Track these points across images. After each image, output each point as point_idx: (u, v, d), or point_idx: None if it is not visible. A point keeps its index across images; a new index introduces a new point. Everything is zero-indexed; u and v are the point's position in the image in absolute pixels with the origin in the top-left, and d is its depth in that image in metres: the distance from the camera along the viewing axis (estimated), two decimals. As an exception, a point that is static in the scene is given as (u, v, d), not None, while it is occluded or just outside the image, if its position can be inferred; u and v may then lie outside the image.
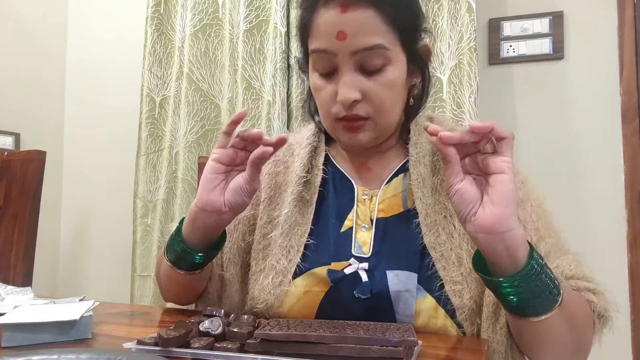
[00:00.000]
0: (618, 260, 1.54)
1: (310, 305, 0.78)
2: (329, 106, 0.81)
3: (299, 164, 0.88)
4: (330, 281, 0.77)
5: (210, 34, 1.83)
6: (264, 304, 0.80)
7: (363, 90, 0.77)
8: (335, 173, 0.89)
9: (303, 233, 0.83)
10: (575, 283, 0.75)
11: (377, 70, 0.77)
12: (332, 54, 0.77)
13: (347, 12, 0.74)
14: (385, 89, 0.78)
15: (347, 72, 0.77)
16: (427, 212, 0.79)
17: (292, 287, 0.79)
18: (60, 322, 0.67)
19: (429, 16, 1.61)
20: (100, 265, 2.17)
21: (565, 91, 1.64)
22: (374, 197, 0.85)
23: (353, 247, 0.81)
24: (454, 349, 0.66)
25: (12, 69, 2.04)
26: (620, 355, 1.51)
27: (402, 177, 0.86)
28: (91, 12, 2.26)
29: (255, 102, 1.73)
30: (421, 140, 0.86)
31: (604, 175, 1.58)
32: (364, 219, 0.83)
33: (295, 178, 0.87)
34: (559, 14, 1.65)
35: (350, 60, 0.76)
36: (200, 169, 1.42)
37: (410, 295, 0.74)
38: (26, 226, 1.48)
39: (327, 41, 0.77)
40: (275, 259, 0.82)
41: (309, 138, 0.91)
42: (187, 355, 0.58)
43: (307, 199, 0.86)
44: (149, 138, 1.84)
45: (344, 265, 0.79)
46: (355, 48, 0.75)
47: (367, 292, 0.76)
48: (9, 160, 1.55)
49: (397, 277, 0.76)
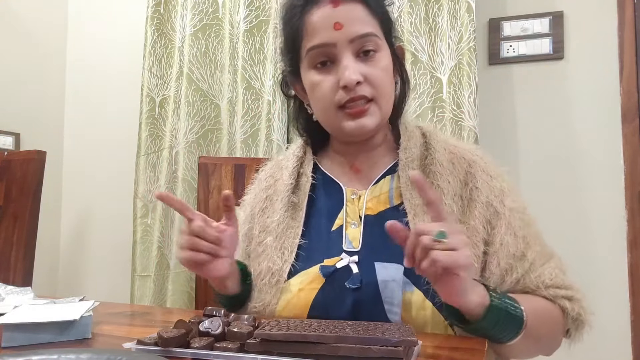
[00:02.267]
0: (618, 260, 1.54)
1: (304, 301, 0.81)
2: (330, 96, 0.85)
3: (287, 174, 0.94)
4: (323, 275, 0.81)
5: (210, 34, 1.83)
6: (262, 303, 0.84)
7: (363, 73, 0.83)
8: (324, 179, 0.94)
9: (295, 235, 0.87)
10: (554, 292, 0.81)
11: (372, 57, 0.84)
12: (331, 46, 0.83)
13: (338, 6, 0.83)
14: (382, 73, 0.85)
15: (346, 58, 0.83)
16: (416, 212, 0.83)
17: (287, 286, 0.83)
18: (60, 322, 0.67)
19: (429, 16, 1.61)
20: (100, 265, 2.17)
21: (565, 91, 1.64)
22: (362, 196, 0.89)
23: (344, 243, 0.85)
24: (454, 349, 0.66)
25: (12, 69, 2.04)
26: (620, 355, 1.51)
27: (389, 178, 0.90)
28: (91, 12, 2.26)
29: (255, 102, 1.73)
30: (410, 145, 0.90)
31: (604, 175, 1.58)
32: (353, 216, 0.87)
33: (284, 186, 0.93)
34: (559, 14, 1.65)
35: (348, 47, 0.83)
36: (201, 169, 1.42)
37: (397, 285, 0.78)
38: (26, 226, 1.48)
39: (325, 34, 0.83)
40: (270, 261, 0.86)
41: (295, 150, 0.98)
42: (187, 355, 0.58)
43: (297, 203, 0.91)
44: (149, 138, 1.84)
45: (335, 261, 0.83)
46: (352, 35, 0.82)
47: (357, 282, 0.79)
48: (9, 160, 1.55)
49: (385, 268, 0.80)
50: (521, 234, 0.83)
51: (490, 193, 0.84)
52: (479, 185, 0.85)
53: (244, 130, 1.73)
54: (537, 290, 0.81)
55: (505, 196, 0.85)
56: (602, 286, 1.52)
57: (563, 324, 0.81)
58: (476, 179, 0.85)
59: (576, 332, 0.82)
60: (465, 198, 0.84)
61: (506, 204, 0.84)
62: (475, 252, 0.80)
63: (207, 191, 1.40)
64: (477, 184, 0.85)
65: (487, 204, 0.83)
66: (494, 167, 0.89)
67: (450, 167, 0.87)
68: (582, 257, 1.57)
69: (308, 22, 0.84)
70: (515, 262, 0.81)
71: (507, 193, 0.86)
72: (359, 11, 0.83)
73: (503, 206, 0.84)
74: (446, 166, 0.87)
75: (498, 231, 0.82)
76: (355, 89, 0.82)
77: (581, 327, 0.82)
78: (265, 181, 0.98)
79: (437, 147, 0.89)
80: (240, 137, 1.74)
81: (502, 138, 1.69)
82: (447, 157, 0.88)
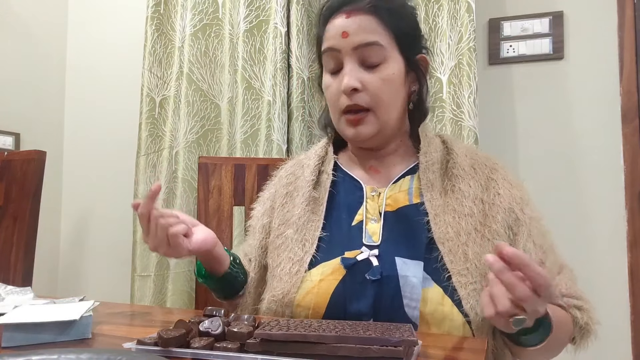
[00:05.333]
0: (618, 260, 1.54)
1: (324, 292, 0.82)
2: (335, 100, 0.90)
3: (308, 171, 0.97)
4: (344, 267, 0.83)
5: (210, 34, 1.83)
6: (281, 291, 0.85)
7: (363, 81, 0.87)
8: (344, 177, 0.97)
9: (317, 228, 0.90)
10: (567, 301, 0.84)
11: (376, 66, 0.88)
12: (337, 51, 0.89)
13: (350, 17, 0.88)
14: (383, 83, 0.88)
15: (348, 65, 0.88)
16: (437, 212, 0.86)
17: (308, 276, 0.85)
18: (60, 322, 0.67)
19: (429, 16, 1.61)
20: (100, 265, 2.17)
21: (565, 91, 1.64)
22: (382, 193, 0.91)
23: (364, 237, 0.87)
24: (454, 349, 0.66)
25: (12, 69, 2.04)
26: (621, 355, 1.51)
27: (409, 178, 0.93)
28: (91, 12, 2.26)
29: (255, 102, 1.73)
30: (430, 150, 0.93)
31: (604, 175, 1.58)
32: (373, 212, 0.90)
33: (305, 182, 0.95)
34: (559, 14, 1.65)
35: (352, 55, 0.88)
36: (201, 169, 1.42)
37: (417, 281, 0.79)
38: (26, 226, 1.48)
39: (334, 40, 0.89)
40: (291, 252, 0.89)
41: (317, 150, 1.01)
42: (187, 355, 0.58)
43: (317, 198, 0.94)
44: (149, 138, 1.84)
45: (356, 254, 0.85)
46: (355, 44, 0.87)
47: (377, 274, 0.81)
48: (9, 160, 1.55)
49: (405, 264, 0.81)
50: (539, 243, 0.85)
51: (512, 200, 0.87)
52: (501, 191, 0.87)
53: (244, 130, 1.73)
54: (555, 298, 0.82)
55: (525, 205, 0.88)
56: (602, 286, 1.52)
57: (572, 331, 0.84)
58: (498, 185, 0.88)
59: (581, 340, 0.84)
60: (486, 202, 0.87)
61: (526, 213, 0.87)
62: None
63: (207, 191, 1.40)
64: (499, 190, 0.88)
65: (509, 210, 0.86)
66: (513, 177, 0.92)
67: (472, 171, 0.90)
68: (582, 257, 1.57)
69: (326, 29, 0.92)
70: None
71: (527, 202, 0.89)
72: (369, 22, 0.88)
73: (524, 214, 0.86)
74: (468, 171, 0.90)
75: (521, 237, 0.84)
76: (353, 97, 0.87)
77: (586, 336, 0.84)
78: (286, 178, 1.01)
79: (459, 153, 0.92)
80: (240, 137, 1.74)
81: (502, 138, 1.69)
82: (469, 163, 0.91)
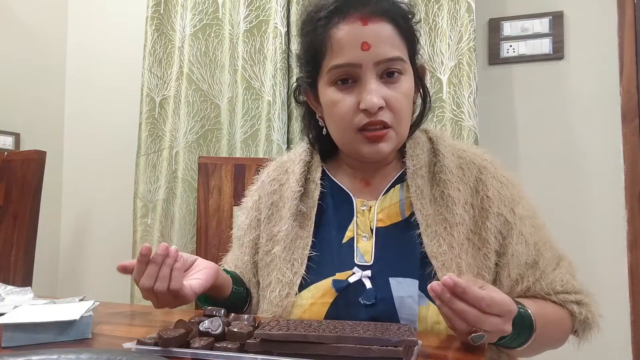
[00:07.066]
0: (618, 260, 1.54)
1: (316, 316, 0.79)
2: (349, 117, 0.82)
3: (294, 180, 0.90)
4: (336, 291, 0.79)
5: (210, 34, 1.83)
6: (272, 315, 0.82)
7: (385, 97, 0.80)
8: (333, 187, 0.91)
9: (305, 246, 0.85)
10: (563, 297, 0.82)
11: (395, 80, 0.81)
12: (356, 66, 0.80)
13: (367, 24, 0.79)
14: (403, 98, 0.82)
15: (371, 81, 0.79)
16: (428, 223, 0.81)
17: (298, 300, 0.81)
18: (60, 322, 0.67)
19: (429, 16, 1.61)
20: (100, 265, 2.17)
21: (565, 91, 1.64)
22: (372, 207, 0.87)
23: (355, 257, 0.83)
24: (454, 349, 0.66)
25: (12, 69, 2.04)
26: (621, 355, 1.51)
27: (398, 187, 0.88)
28: (91, 12, 2.26)
29: (255, 102, 1.73)
30: (417, 152, 0.88)
31: (604, 175, 1.58)
32: (364, 228, 0.85)
33: (291, 194, 0.89)
34: (559, 14, 1.65)
35: (373, 70, 0.80)
36: (201, 169, 1.42)
37: (413, 300, 0.76)
38: (26, 226, 1.48)
39: (352, 53, 0.79)
40: (280, 272, 0.84)
41: (301, 154, 0.94)
42: (187, 355, 0.58)
43: (305, 212, 0.88)
44: (149, 138, 1.84)
45: (347, 275, 0.81)
46: (379, 58, 0.79)
47: (371, 298, 0.78)
48: (9, 160, 1.55)
49: (400, 283, 0.78)
50: (532, 242, 0.83)
51: (500, 203, 0.83)
52: (490, 194, 0.84)
53: (244, 130, 1.73)
54: (548, 296, 0.82)
55: (516, 204, 0.85)
56: (602, 286, 1.51)
57: (570, 326, 0.83)
58: (487, 187, 0.84)
59: (583, 334, 0.84)
60: (476, 207, 0.84)
61: (517, 212, 0.84)
62: (486, 263, 0.81)
63: (207, 191, 1.40)
64: (488, 193, 0.84)
65: (498, 214, 0.83)
66: (503, 172, 0.88)
67: (460, 173, 0.86)
68: (582, 257, 1.56)
69: (334, 37, 0.81)
70: (526, 270, 0.82)
71: (518, 200, 0.85)
72: (388, 31, 0.80)
73: (514, 215, 0.83)
74: (456, 173, 0.85)
75: (509, 242, 0.82)
76: (376, 114, 0.80)
77: (588, 330, 0.83)
78: (270, 185, 0.94)
79: (446, 153, 0.87)
80: (240, 137, 1.74)
81: (502, 138, 1.69)
82: (456, 163, 0.87)
